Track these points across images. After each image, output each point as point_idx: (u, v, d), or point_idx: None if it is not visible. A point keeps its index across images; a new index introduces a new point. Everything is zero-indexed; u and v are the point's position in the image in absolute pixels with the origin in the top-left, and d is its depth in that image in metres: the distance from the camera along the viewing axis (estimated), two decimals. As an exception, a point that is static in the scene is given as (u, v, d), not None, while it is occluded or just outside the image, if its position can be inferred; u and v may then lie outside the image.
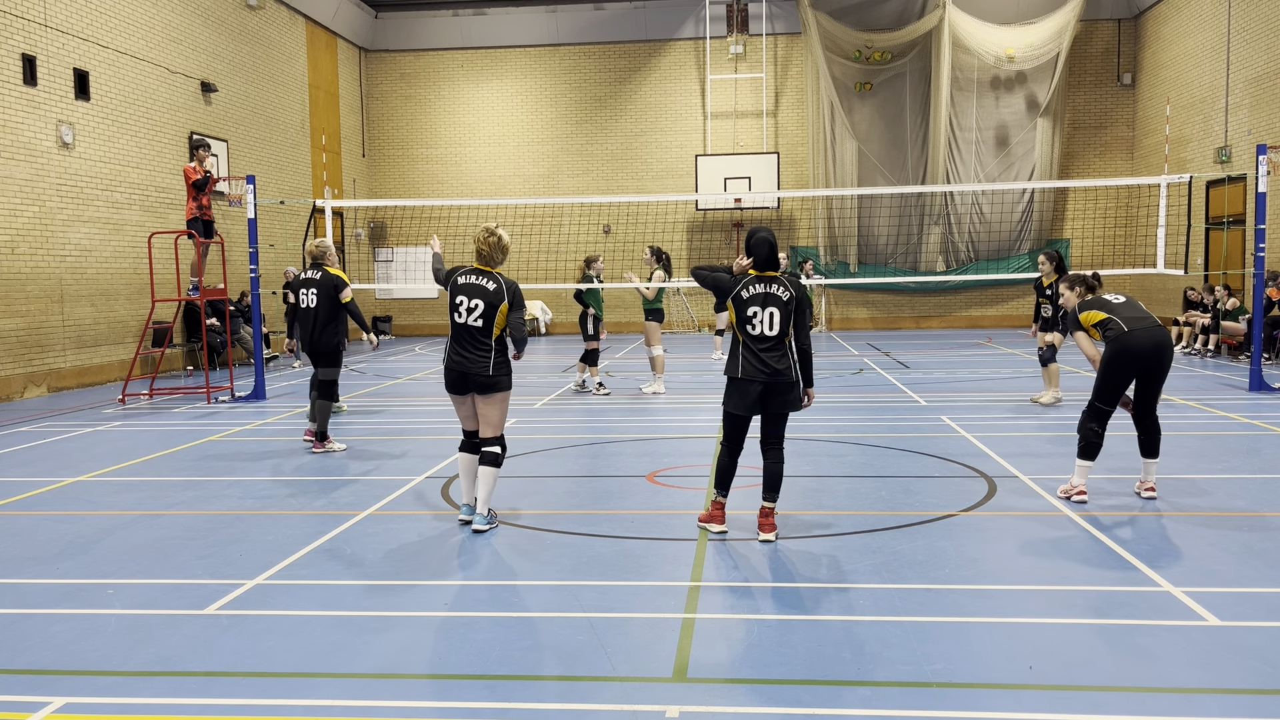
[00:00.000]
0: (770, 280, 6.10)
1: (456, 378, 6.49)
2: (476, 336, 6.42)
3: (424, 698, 4.07)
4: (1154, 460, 7.13)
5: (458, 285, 6.49)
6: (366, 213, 26.17)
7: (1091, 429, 7.00)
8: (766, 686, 4.10)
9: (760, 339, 6.04)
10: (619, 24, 25.92)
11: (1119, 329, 6.85)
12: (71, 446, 10.12)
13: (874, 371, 15.68)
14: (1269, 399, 11.88)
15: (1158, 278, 21.46)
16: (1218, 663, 4.25)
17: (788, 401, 6.10)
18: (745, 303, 6.07)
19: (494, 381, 6.44)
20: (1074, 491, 7.13)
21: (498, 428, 6.55)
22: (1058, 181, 22.12)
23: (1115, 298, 7.11)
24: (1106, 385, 6.93)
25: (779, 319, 6.03)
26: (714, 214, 25.75)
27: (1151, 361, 6.84)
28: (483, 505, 6.52)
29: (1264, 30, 18.57)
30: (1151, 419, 7.07)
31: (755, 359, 6.05)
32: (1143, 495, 7.18)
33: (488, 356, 6.41)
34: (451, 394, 6.61)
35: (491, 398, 6.48)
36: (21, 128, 14.21)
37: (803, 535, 6.33)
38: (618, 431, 10.49)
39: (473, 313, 6.41)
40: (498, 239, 6.57)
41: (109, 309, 16.02)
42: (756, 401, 6.09)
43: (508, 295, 6.45)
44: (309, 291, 9.21)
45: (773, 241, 6.11)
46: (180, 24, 18.13)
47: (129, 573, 5.80)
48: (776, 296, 6.04)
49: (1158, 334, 6.84)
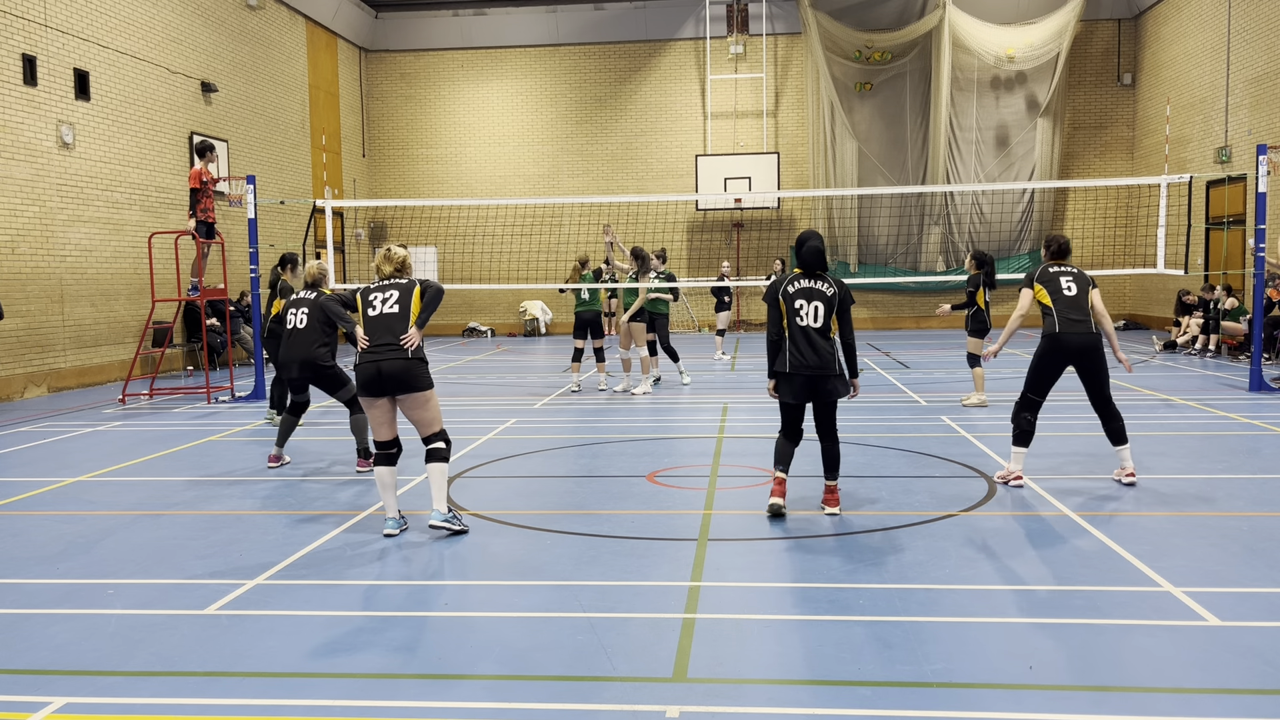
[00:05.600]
0: (816, 278, 6.69)
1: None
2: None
3: (424, 698, 4.07)
4: (1125, 446, 7.51)
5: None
6: (366, 213, 26.17)
7: (1025, 417, 7.47)
8: (766, 686, 4.10)
9: (806, 330, 6.59)
10: (619, 24, 25.92)
11: (1052, 326, 7.34)
12: (71, 446, 10.12)
13: (874, 371, 15.68)
14: (1269, 399, 11.88)
15: (1158, 278, 21.45)
16: (1218, 663, 4.24)
17: (833, 390, 6.63)
18: (792, 297, 6.65)
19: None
20: (1011, 477, 7.56)
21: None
22: (1058, 181, 22.14)
23: (1068, 286, 7.44)
24: (1036, 378, 7.45)
25: (823, 312, 6.60)
26: (714, 214, 25.74)
27: (1080, 362, 7.33)
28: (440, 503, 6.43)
29: (1264, 30, 18.57)
30: (1109, 409, 7.45)
31: (800, 351, 6.59)
32: (1123, 482, 7.49)
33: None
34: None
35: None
36: (21, 128, 14.21)
37: (803, 535, 6.33)
38: (618, 431, 10.49)
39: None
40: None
41: (109, 309, 16.02)
42: (804, 390, 6.62)
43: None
44: (299, 311, 8.67)
45: (821, 248, 6.74)
46: (180, 24, 18.13)
47: (129, 573, 5.80)
48: (821, 291, 6.65)
49: (1087, 338, 7.28)
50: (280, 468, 8.79)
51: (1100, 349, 7.33)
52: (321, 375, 8.50)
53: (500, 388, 14.82)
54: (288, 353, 8.57)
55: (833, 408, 6.73)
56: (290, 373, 8.55)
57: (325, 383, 8.59)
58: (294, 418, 8.89)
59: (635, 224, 24.33)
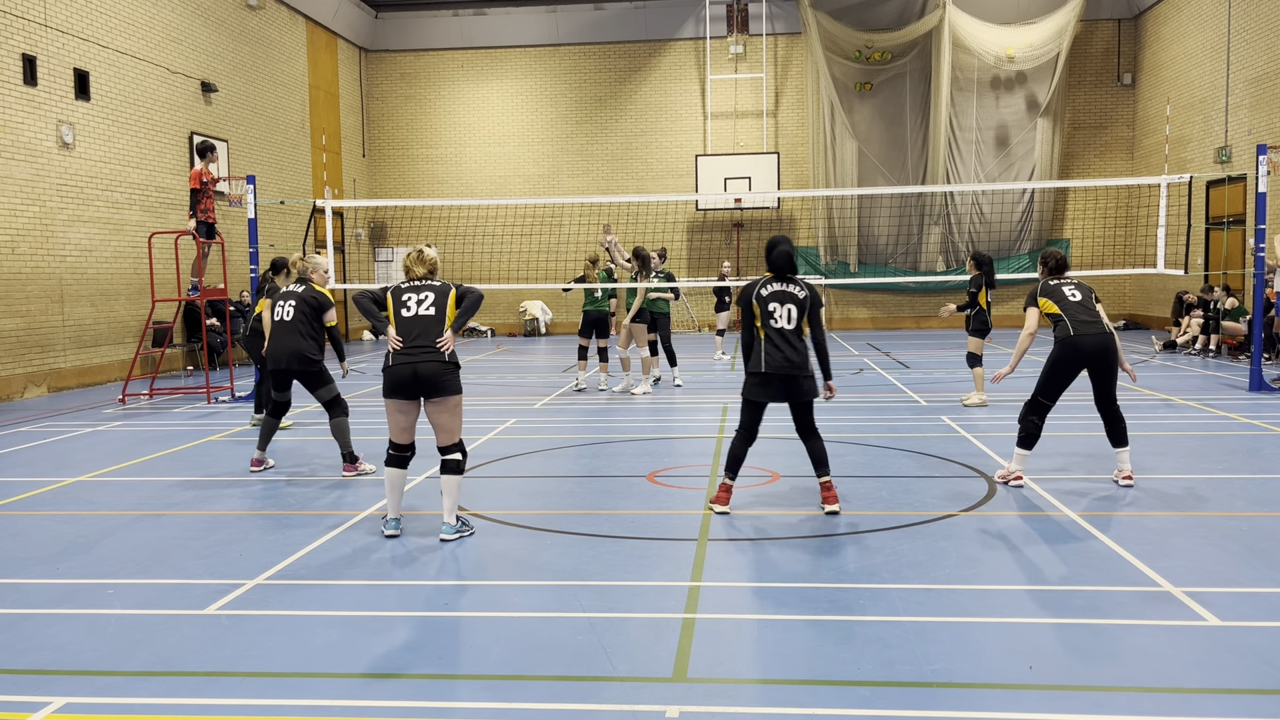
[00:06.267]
0: (788, 281, 6.81)
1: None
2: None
3: (424, 698, 4.07)
4: (1125, 449, 7.52)
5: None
6: (366, 213, 26.17)
7: (1032, 420, 7.44)
8: (766, 686, 4.10)
9: (780, 332, 6.68)
10: (619, 24, 25.91)
11: (1066, 330, 7.31)
12: (71, 446, 10.12)
13: (874, 371, 15.68)
14: (1269, 399, 11.88)
15: (1158, 278, 21.46)
16: (1218, 663, 4.24)
17: (808, 390, 6.72)
18: (766, 300, 6.75)
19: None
20: (1011, 477, 7.58)
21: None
22: (1058, 181, 22.13)
23: (1072, 294, 7.45)
24: (1050, 382, 7.39)
25: (796, 314, 6.71)
26: (714, 214, 25.74)
27: (1095, 363, 7.31)
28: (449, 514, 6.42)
29: (1264, 30, 18.57)
30: (1113, 410, 7.46)
31: (776, 351, 6.66)
32: (1120, 484, 7.49)
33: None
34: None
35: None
36: (21, 128, 14.21)
37: (803, 535, 6.33)
38: (618, 431, 10.49)
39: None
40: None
41: (109, 309, 16.02)
42: (780, 390, 6.71)
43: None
44: (286, 304, 8.50)
45: (790, 253, 6.88)
46: (180, 24, 18.13)
47: (129, 573, 5.80)
48: (793, 294, 6.76)
49: (1102, 338, 7.28)
50: (263, 471, 8.63)
51: (1114, 349, 7.35)
52: (308, 370, 8.37)
53: (500, 388, 14.82)
54: (275, 345, 8.41)
55: (808, 407, 6.80)
56: (279, 364, 8.38)
57: (310, 379, 8.39)
58: (274, 420, 8.70)
59: (635, 224, 24.32)
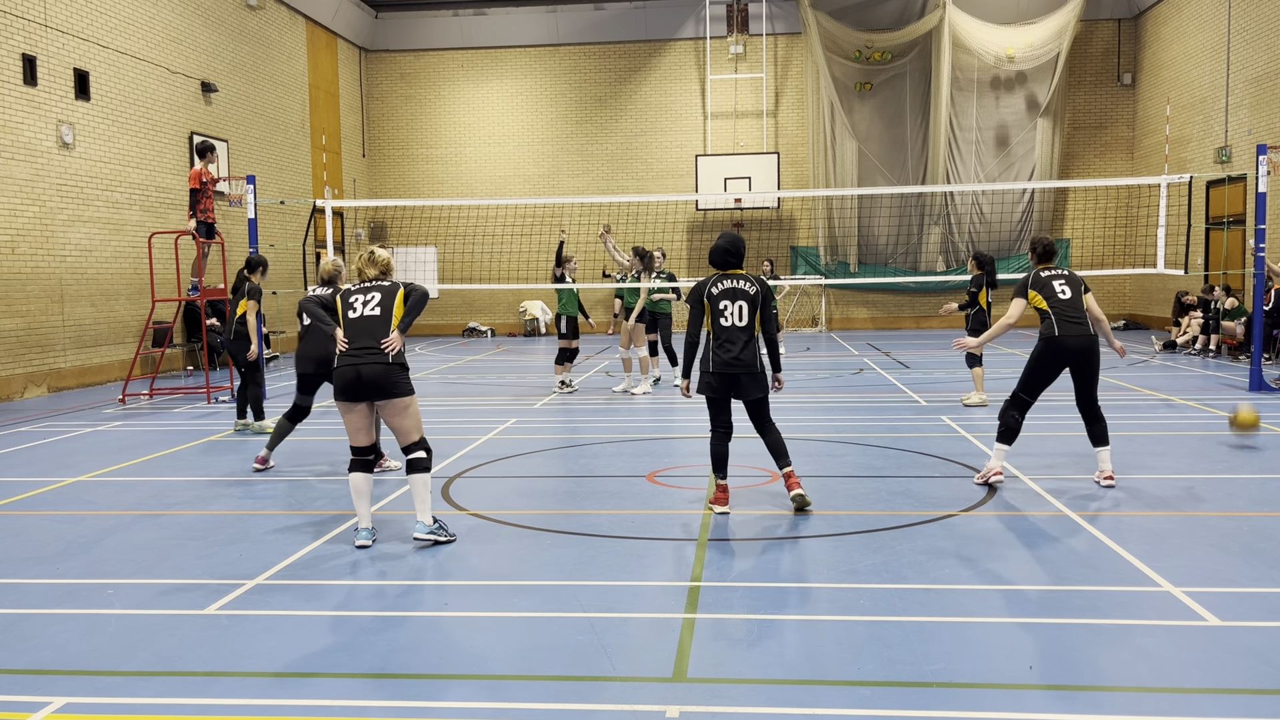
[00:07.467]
0: (737, 277, 6.75)
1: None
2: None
3: (424, 697, 4.07)
4: (1105, 448, 7.52)
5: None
6: (366, 213, 26.17)
7: (1012, 415, 7.45)
8: (766, 686, 4.10)
9: (730, 330, 6.65)
10: (619, 24, 25.91)
11: (1051, 329, 7.32)
12: (71, 446, 10.12)
13: (874, 371, 15.68)
14: (1269, 399, 11.87)
15: (1158, 278, 21.46)
16: (1218, 663, 4.24)
17: (757, 386, 6.71)
18: (717, 298, 6.69)
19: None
20: (991, 474, 7.55)
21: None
22: (1058, 181, 22.12)
23: (1062, 289, 7.43)
24: (1031, 379, 7.41)
25: (747, 310, 6.67)
26: (714, 214, 25.74)
27: (1077, 364, 7.32)
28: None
29: (1264, 30, 18.56)
30: (1094, 409, 7.46)
31: (724, 350, 6.65)
32: (1101, 484, 7.47)
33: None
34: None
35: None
36: (21, 128, 14.21)
37: (803, 535, 6.33)
38: (618, 431, 10.49)
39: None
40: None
41: (109, 309, 16.02)
42: (726, 387, 6.71)
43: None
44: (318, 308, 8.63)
45: (727, 247, 6.78)
46: (180, 24, 18.13)
47: (129, 573, 5.80)
48: (744, 291, 6.71)
49: (1085, 340, 7.29)
50: (265, 470, 8.63)
51: (1097, 351, 7.35)
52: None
53: (500, 388, 14.82)
54: (304, 350, 8.51)
55: (762, 403, 6.78)
56: (306, 368, 8.49)
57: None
58: (291, 424, 8.73)
59: (635, 224, 24.32)
